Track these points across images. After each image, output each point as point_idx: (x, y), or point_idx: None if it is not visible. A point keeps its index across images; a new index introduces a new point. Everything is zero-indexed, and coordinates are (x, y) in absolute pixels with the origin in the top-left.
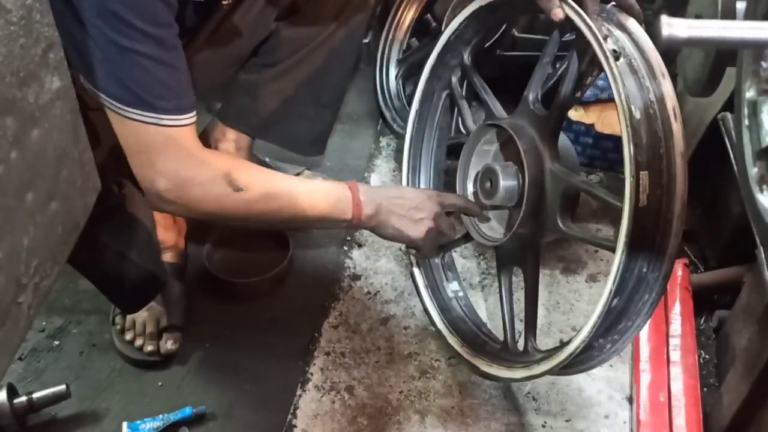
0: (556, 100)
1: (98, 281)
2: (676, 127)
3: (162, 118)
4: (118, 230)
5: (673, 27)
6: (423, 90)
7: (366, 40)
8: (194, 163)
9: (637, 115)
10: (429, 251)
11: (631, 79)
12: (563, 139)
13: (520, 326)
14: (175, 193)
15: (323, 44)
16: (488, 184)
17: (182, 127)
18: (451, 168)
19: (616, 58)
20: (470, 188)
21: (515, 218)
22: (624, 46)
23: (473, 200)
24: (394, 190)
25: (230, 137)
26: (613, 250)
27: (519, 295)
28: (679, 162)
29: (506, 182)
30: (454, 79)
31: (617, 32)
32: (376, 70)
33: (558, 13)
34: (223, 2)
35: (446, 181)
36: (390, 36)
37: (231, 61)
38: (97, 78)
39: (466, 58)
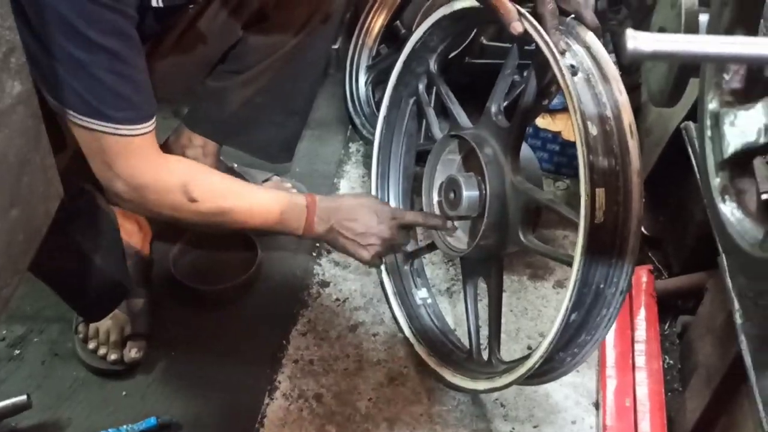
0: (516, 112)
1: (60, 288)
2: (633, 144)
3: (119, 128)
4: (83, 233)
5: (639, 41)
6: (390, 97)
7: (335, 46)
8: (151, 170)
9: (594, 131)
10: (376, 265)
11: (588, 94)
12: (526, 151)
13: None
14: (131, 195)
15: (291, 52)
16: (452, 195)
17: (140, 136)
18: (420, 174)
19: (573, 74)
20: (435, 198)
21: (478, 230)
22: (582, 60)
23: (438, 211)
24: (350, 212)
25: (197, 143)
26: (571, 265)
27: (486, 303)
28: (636, 180)
29: (469, 193)
30: (420, 87)
31: (576, 46)
32: (345, 76)
33: (517, 27)
34: (190, 6)
35: (415, 186)
36: (359, 42)
37: (198, 67)
38: (55, 89)
39: (432, 65)
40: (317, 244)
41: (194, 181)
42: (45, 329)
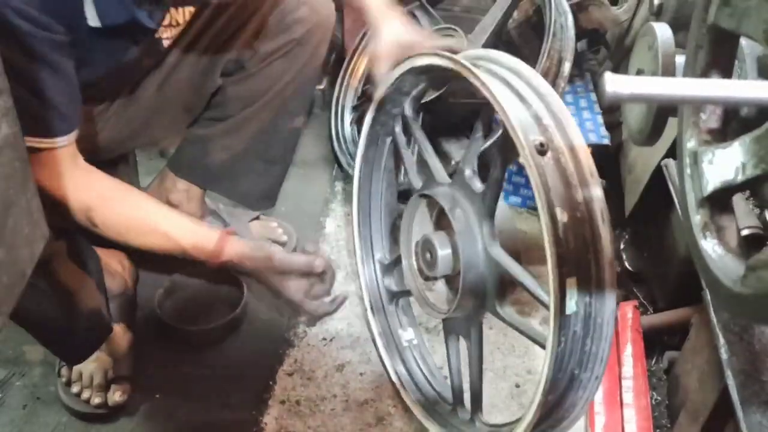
0: (489, 178)
1: (38, 331)
2: (605, 231)
3: (28, 140)
4: (58, 272)
5: (617, 84)
6: (367, 135)
7: (321, 87)
8: (62, 189)
9: (564, 218)
10: (313, 312)
11: (557, 176)
12: (503, 209)
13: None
14: (50, 205)
15: (272, 101)
16: (428, 255)
17: (52, 150)
18: (402, 212)
19: (542, 153)
20: (414, 261)
21: (456, 290)
22: (552, 137)
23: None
24: (261, 262)
25: (181, 187)
26: (544, 347)
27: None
28: (608, 269)
29: (444, 252)
30: (397, 129)
31: (545, 117)
32: (331, 115)
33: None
34: (164, 38)
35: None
36: (345, 83)
37: (180, 114)
38: None
39: (407, 108)
40: None
41: (98, 209)
42: (27, 372)
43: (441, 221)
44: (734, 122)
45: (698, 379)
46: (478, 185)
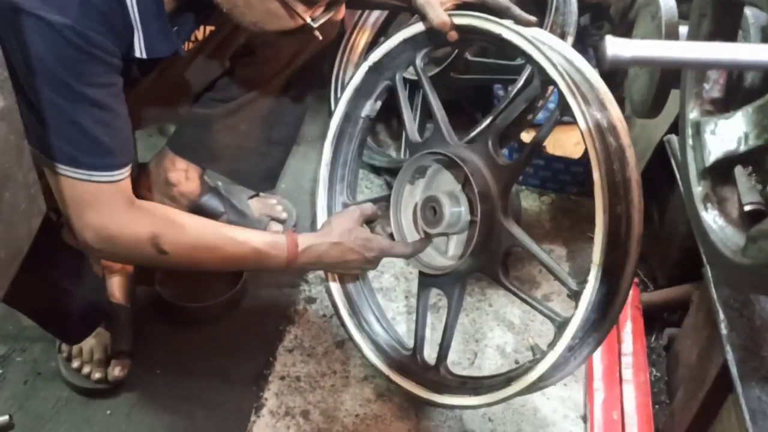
0: (520, 156)
1: (34, 315)
2: (630, 153)
3: (93, 175)
4: (56, 259)
5: (618, 47)
6: (366, 72)
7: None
8: (121, 222)
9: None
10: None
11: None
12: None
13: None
14: (101, 245)
15: (278, 84)
16: (431, 214)
17: (113, 183)
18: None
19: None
20: (410, 216)
21: (459, 247)
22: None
23: (413, 228)
24: (336, 253)
25: (180, 166)
26: (550, 318)
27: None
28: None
29: (453, 209)
30: (398, 75)
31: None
32: (330, 92)
33: (452, 36)
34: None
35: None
36: (344, 59)
37: (183, 96)
38: (30, 134)
39: (419, 61)
40: None
41: (165, 234)
42: (27, 348)
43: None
44: (737, 92)
45: (698, 355)
46: (502, 158)
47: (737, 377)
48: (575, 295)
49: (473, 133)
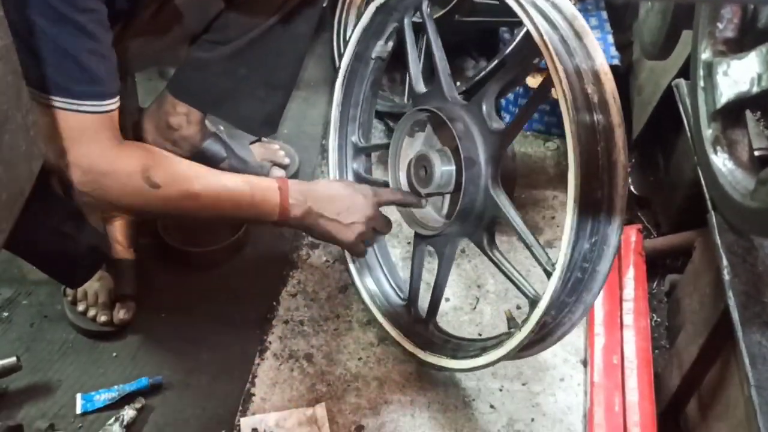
0: (509, 125)
1: (34, 259)
2: (622, 157)
3: (81, 104)
4: (52, 203)
5: None
6: (374, 13)
7: (323, 5)
8: (110, 155)
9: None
10: (361, 252)
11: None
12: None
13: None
14: (89, 185)
15: (276, 26)
16: (423, 172)
17: (102, 114)
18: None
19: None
20: (403, 176)
21: (451, 208)
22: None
23: (407, 187)
24: (327, 189)
25: (181, 110)
26: (524, 294)
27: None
28: (620, 198)
29: (443, 168)
30: (407, 20)
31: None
32: (333, 36)
33: None
34: None
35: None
36: (347, 1)
37: (179, 38)
38: None
39: (425, 5)
40: None
41: (156, 165)
42: (33, 291)
43: (438, 134)
44: (751, 32)
45: (699, 300)
46: (495, 124)
47: (738, 322)
48: (547, 275)
49: (468, 86)
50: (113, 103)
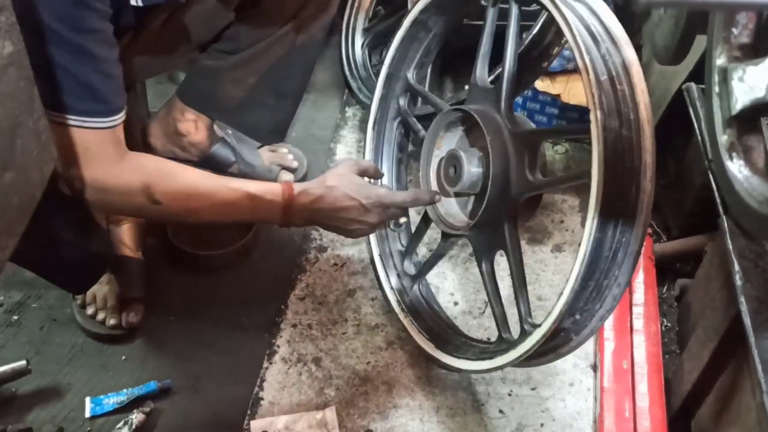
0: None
1: (32, 266)
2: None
3: (85, 121)
4: (52, 209)
5: None
6: (403, 36)
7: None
8: (113, 172)
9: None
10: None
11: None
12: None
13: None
14: (93, 196)
15: (285, 37)
16: (452, 171)
17: (105, 130)
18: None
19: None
20: (433, 175)
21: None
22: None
23: (436, 185)
24: (332, 204)
25: (190, 117)
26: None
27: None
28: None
29: (473, 170)
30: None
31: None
32: (341, 39)
33: None
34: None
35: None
36: (355, 4)
37: (188, 49)
38: None
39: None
40: None
41: (157, 182)
42: (43, 295)
43: (469, 136)
44: (767, 38)
45: (710, 305)
46: (528, 125)
47: (750, 328)
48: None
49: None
50: (118, 119)
